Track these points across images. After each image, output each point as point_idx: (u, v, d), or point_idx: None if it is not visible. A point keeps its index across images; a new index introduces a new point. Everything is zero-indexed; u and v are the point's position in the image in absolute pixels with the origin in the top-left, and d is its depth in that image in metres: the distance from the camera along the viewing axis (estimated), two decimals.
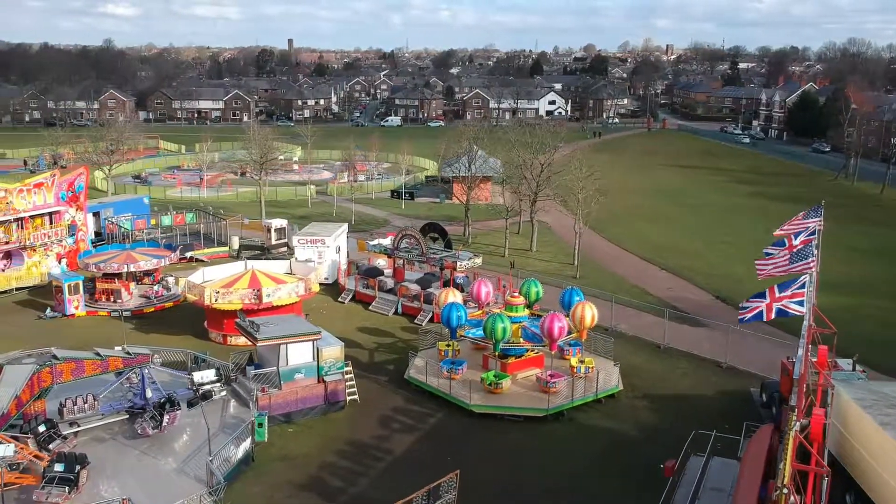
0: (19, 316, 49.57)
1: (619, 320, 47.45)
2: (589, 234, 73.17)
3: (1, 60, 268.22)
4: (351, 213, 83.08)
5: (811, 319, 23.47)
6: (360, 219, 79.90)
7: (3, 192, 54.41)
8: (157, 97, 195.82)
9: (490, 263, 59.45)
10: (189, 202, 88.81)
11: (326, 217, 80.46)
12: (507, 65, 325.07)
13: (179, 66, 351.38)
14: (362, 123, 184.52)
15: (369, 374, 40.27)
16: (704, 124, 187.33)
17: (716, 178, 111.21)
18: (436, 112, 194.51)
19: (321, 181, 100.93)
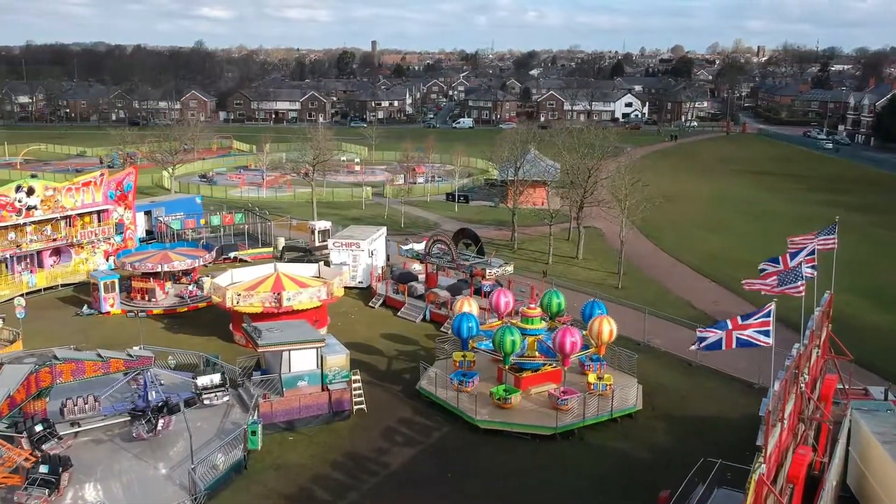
0: (59, 312, 50.70)
1: (653, 334, 45.39)
2: (642, 241, 70.89)
3: (94, 61, 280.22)
4: (407, 215, 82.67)
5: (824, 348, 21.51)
6: (411, 221, 79.32)
7: (51, 191, 55.94)
8: (236, 98, 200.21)
9: (528, 271, 57.99)
10: (246, 202, 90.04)
11: (377, 219, 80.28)
12: (588, 66, 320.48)
13: (264, 67, 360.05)
14: (434, 125, 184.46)
15: (383, 383, 39.51)
16: (787, 129, 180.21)
17: (790, 185, 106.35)
18: (509, 114, 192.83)
19: (378, 183, 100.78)
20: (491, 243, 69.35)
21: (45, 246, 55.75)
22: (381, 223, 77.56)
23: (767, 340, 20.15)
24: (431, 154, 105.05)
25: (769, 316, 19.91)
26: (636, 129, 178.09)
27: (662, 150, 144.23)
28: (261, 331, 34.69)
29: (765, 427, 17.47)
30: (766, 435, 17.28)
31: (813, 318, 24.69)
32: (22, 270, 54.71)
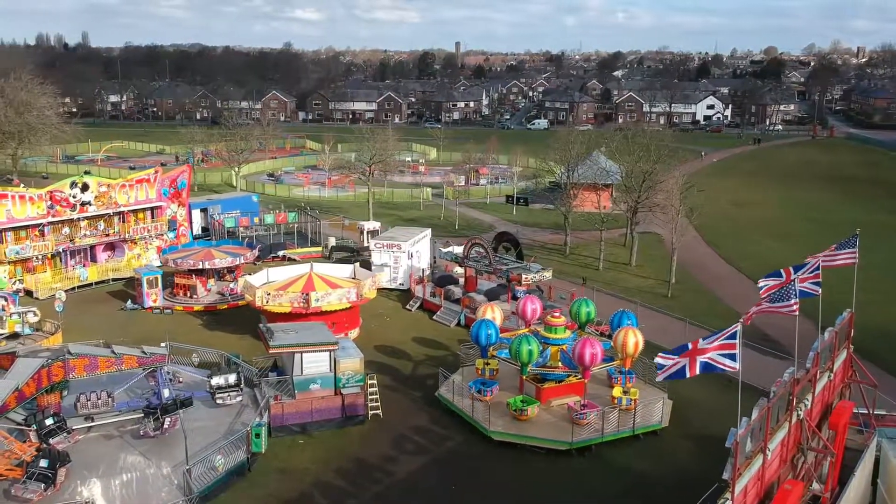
0: (106, 306, 51.75)
1: None
2: (702, 249, 68.22)
3: (185, 62, 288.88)
4: (463, 216, 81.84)
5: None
6: (466, 223, 78.42)
7: (105, 187, 57.32)
8: (315, 98, 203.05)
9: (577, 277, 56.34)
10: (304, 201, 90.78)
11: (433, 220, 79.68)
12: (673, 68, 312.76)
13: (350, 68, 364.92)
14: (509, 126, 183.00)
15: (405, 388, 38.77)
16: (881, 133, 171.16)
17: (874, 192, 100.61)
18: (586, 115, 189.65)
19: (440, 184, 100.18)
20: (543, 248, 67.98)
21: (98, 241, 57.19)
22: (437, 225, 77.12)
23: (733, 365, 18.43)
24: (492, 155, 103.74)
25: (735, 338, 18.19)
26: (717, 131, 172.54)
27: (742, 154, 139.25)
28: (273, 332, 34.40)
29: (733, 460, 15.89)
30: (735, 469, 15.67)
31: (822, 340, 22.63)
32: (75, 264, 56.22)
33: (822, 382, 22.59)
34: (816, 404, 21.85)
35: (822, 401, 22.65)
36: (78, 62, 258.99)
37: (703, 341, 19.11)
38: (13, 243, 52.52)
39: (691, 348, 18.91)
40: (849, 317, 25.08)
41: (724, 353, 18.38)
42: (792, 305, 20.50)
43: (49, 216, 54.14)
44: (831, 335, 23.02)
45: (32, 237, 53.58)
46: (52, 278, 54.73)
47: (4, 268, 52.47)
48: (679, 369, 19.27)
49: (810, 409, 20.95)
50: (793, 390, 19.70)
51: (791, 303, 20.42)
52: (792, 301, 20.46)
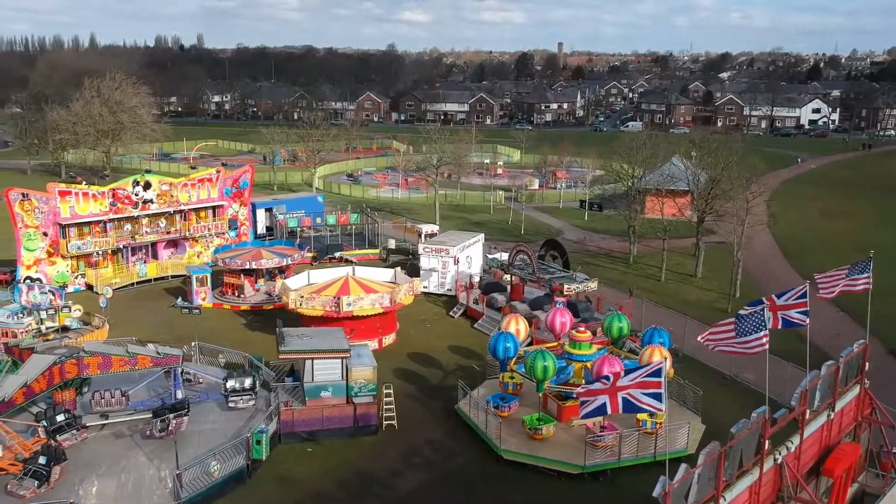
0: (158, 303, 52.68)
1: (745, 369, 40.34)
2: (777, 262, 64.45)
3: (290, 63, 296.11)
4: (532, 221, 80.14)
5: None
6: (533, 228, 76.61)
7: (167, 186, 58.54)
8: (408, 99, 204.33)
9: (637, 288, 53.85)
10: (380, 202, 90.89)
11: (501, 224, 78.34)
12: (783, 70, 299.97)
13: (449, 69, 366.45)
14: (602, 128, 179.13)
15: (427, 399, 37.66)
16: None
17: None
18: (683, 118, 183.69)
19: (515, 186, 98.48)
20: (608, 256, 65.66)
21: (159, 238, 58.46)
22: (503, 229, 75.76)
23: (658, 406, 16.40)
24: (574, 159, 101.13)
25: (659, 375, 16.16)
26: (822, 136, 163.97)
27: (843, 161, 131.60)
28: (285, 337, 33.90)
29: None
30: None
31: (818, 374, 20.12)
32: (136, 261, 57.64)
33: (818, 423, 20.15)
34: (809, 448, 19.48)
35: (820, 443, 20.21)
36: (188, 63, 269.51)
37: (624, 376, 17.21)
38: (76, 239, 54.17)
39: (612, 381, 17.04)
40: (862, 349, 22.42)
41: (648, 393, 16.45)
42: (762, 339, 18.23)
43: (111, 213, 55.67)
44: (830, 370, 20.52)
45: (94, 233, 55.16)
46: (113, 274, 56.29)
47: (66, 262, 54.21)
48: (598, 407, 17.41)
49: (796, 452, 18.66)
50: (764, 432, 17.56)
51: (760, 336, 18.16)
52: (762, 334, 18.21)
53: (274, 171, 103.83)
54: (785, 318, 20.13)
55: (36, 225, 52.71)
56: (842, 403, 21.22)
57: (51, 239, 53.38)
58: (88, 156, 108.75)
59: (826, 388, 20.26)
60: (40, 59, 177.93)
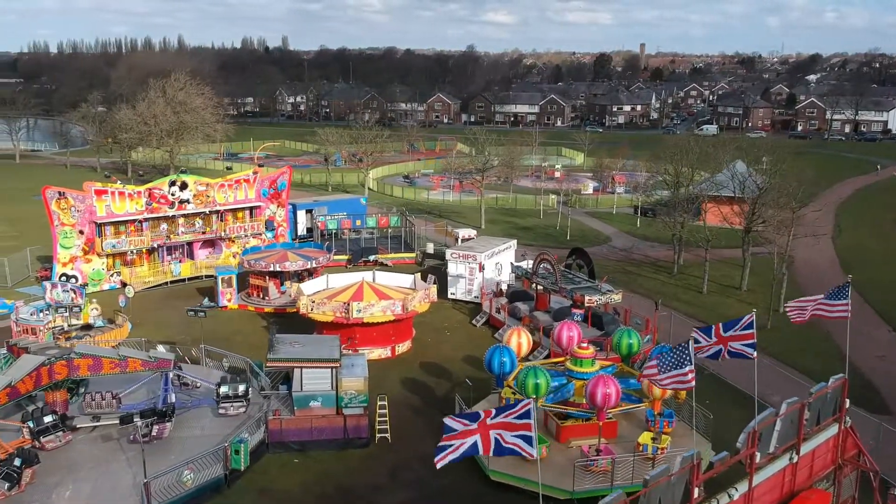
0: (186, 302, 52.53)
1: (774, 391, 37.66)
2: (834, 277, 60.38)
3: (366, 65, 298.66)
4: (581, 226, 77.92)
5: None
6: (580, 234, 74.31)
7: (203, 186, 58.87)
8: (478, 101, 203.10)
9: (676, 300, 51.40)
10: (430, 204, 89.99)
11: (548, 229, 76.37)
12: (879, 72, 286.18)
13: (528, 70, 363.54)
14: (675, 131, 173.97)
15: (429, 411, 36.32)
16: None
17: None
18: (762, 122, 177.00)
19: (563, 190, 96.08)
20: (653, 265, 63.06)
21: (195, 238, 58.81)
22: (549, 234, 73.84)
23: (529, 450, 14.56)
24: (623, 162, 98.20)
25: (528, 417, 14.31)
26: None
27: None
28: (274, 343, 33.15)
29: None
30: None
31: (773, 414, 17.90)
32: (171, 260, 58.14)
33: (776, 467, 17.96)
34: (762, 496, 17.34)
35: (781, 490, 18.01)
36: (270, 64, 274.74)
37: (494, 415, 15.49)
38: (111, 237, 54.91)
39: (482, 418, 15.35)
40: (840, 384, 20.02)
41: (519, 435, 14.74)
42: (688, 375, 16.26)
43: (147, 212, 56.24)
44: (792, 407, 18.29)
45: (130, 232, 55.81)
46: (148, 272, 56.89)
47: (102, 260, 55.01)
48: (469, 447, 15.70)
49: (742, 501, 16.61)
50: (692, 478, 15.64)
51: (686, 372, 16.19)
52: (687, 370, 16.24)
53: (329, 171, 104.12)
54: (732, 350, 18.11)
55: (72, 223, 53.60)
56: (811, 445, 19.00)
57: (87, 237, 54.21)
58: (154, 154, 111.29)
59: (787, 428, 18.10)
60: (120, 61, 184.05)
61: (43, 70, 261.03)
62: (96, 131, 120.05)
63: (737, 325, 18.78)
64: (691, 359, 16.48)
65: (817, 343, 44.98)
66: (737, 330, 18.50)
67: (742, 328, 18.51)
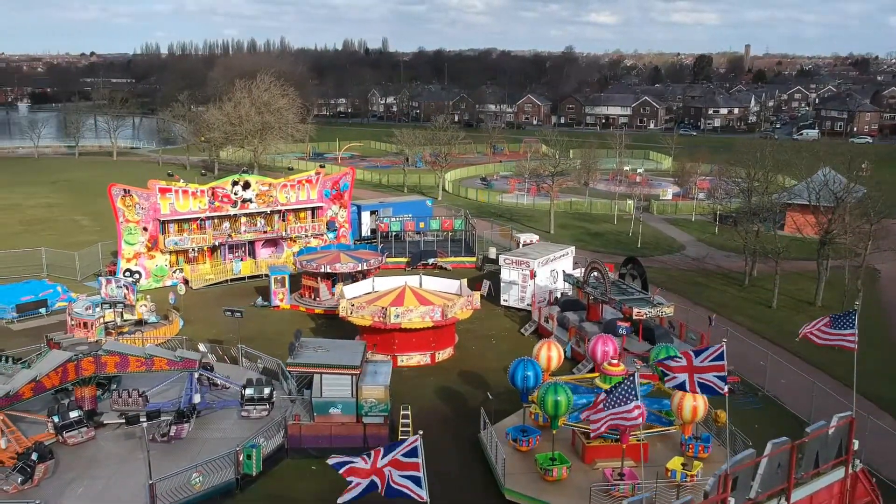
0: (243, 300, 53.20)
1: None
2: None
3: (459, 66, 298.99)
4: (655, 233, 75.14)
5: None
6: (654, 241, 71.57)
7: (266, 186, 59.39)
8: (569, 102, 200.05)
9: (742, 314, 48.63)
10: (503, 207, 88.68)
11: (620, 235, 73.93)
12: None
13: (628, 71, 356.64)
14: (772, 135, 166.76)
15: (458, 424, 35.17)
16: None
17: None
18: (868, 126, 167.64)
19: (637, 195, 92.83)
20: (725, 276, 60.01)
21: (256, 237, 59.37)
22: (620, 241, 71.49)
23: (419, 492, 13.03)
24: (704, 167, 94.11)
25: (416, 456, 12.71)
26: None
27: None
28: (297, 347, 32.68)
29: None
30: None
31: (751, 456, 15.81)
32: (233, 258, 58.87)
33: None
34: None
35: None
36: (366, 66, 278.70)
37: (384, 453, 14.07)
38: (174, 234, 55.98)
39: (374, 459, 14.00)
40: (846, 422, 17.73)
41: (406, 475, 13.33)
42: (633, 412, 14.45)
43: (209, 211, 57.09)
44: (779, 448, 16.22)
45: (192, 230, 56.77)
46: (210, 269, 57.76)
47: (165, 257, 56.14)
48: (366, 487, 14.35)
49: None
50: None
51: (630, 408, 14.38)
52: (632, 406, 14.45)
53: (405, 172, 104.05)
54: (701, 381, 16.28)
55: (136, 220, 54.90)
56: (808, 491, 16.92)
57: (150, 234, 55.41)
58: (238, 153, 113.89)
59: (773, 471, 16.11)
60: (218, 62, 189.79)
61: (152, 71, 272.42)
62: (189, 130, 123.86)
63: (705, 355, 16.91)
64: (637, 394, 14.84)
65: (888, 367, 41.57)
66: (705, 360, 16.65)
67: (711, 358, 16.66)
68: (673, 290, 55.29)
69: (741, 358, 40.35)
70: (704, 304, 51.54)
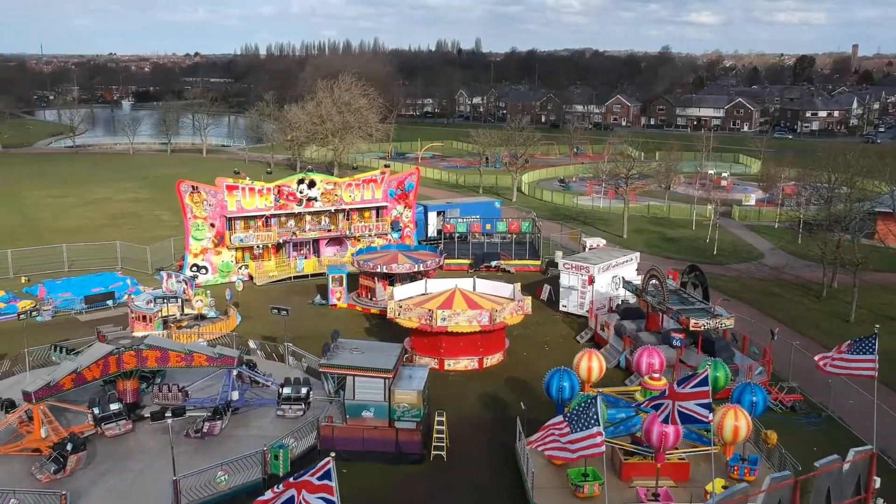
0: (302, 298, 53.58)
1: None
2: None
3: (549, 66, 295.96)
4: (733, 240, 72.15)
5: None
6: (731, 249, 68.62)
7: (331, 185, 59.67)
8: (659, 103, 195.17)
9: (816, 329, 45.95)
10: (576, 211, 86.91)
11: (695, 242, 71.25)
12: None
13: (726, 72, 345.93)
14: (874, 140, 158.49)
15: (498, 433, 34.15)
16: None
17: None
18: None
19: (733, 200, 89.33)
20: (802, 287, 56.97)
21: (320, 235, 59.70)
22: (696, 247, 69.00)
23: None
24: (788, 171, 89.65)
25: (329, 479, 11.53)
26: None
27: None
28: (330, 348, 32.36)
29: None
30: None
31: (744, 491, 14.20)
32: (297, 256, 59.37)
33: None
34: None
35: None
36: (457, 66, 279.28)
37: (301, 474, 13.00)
38: (240, 231, 56.81)
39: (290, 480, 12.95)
40: (865, 457, 15.82)
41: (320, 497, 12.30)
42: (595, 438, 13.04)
43: (275, 209, 57.72)
44: (779, 483, 14.55)
45: (258, 227, 57.50)
46: (275, 266, 58.40)
47: (231, 253, 57.03)
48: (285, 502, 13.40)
49: None
50: None
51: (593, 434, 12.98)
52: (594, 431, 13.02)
53: (481, 173, 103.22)
54: (682, 411, 14.80)
55: (204, 216, 55.94)
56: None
57: (217, 230, 56.37)
58: (320, 152, 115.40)
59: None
60: (309, 62, 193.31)
61: (250, 71, 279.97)
62: (275, 129, 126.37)
63: (688, 382, 15.40)
64: (598, 419, 13.61)
65: None
66: (686, 387, 15.16)
67: (694, 385, 15.15)
68: (744, 300, 52.83)
69: (807, 375, 37.93)
70: (776, 316, 48.99)
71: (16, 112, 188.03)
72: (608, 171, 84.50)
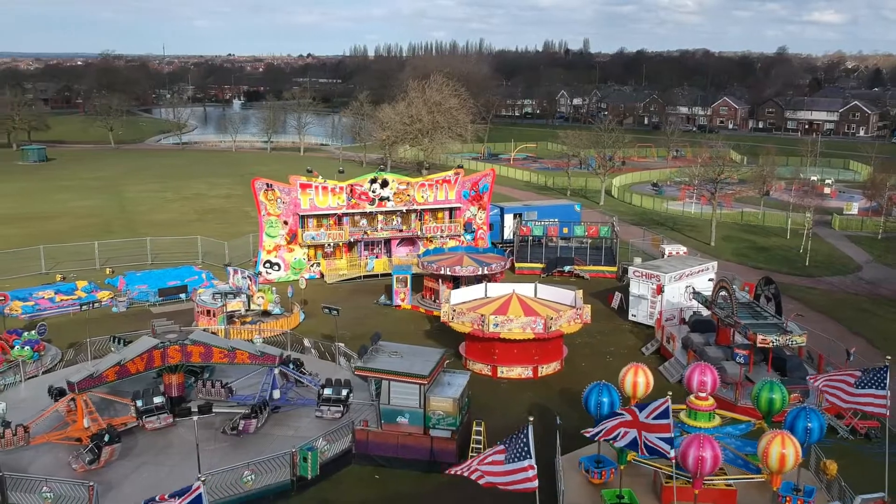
0: (369, 298, 53.43)
1: None
2: None
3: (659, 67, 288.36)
4: (829, 251, 67.95)
5: None
6: (826, 260, 64.58)
7: (404, 185, 59.38)
8: (768, 106, 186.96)
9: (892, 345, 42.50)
10: (665, 216, 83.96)
11: (790, 252, 67.43)
12: None
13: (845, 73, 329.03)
14: None
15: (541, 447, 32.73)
16: None
17: None
18: None
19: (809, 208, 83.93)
20: (889, 301, 52.97)
21: (392, 235, 59.48)
22: (788, 257, 65.43)
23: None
24: None
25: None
26: None
27: None
28: (367, 351, 31.77)
29: None
30: None
31: None
32: (368, 255, 59.35)
33: None
34: None
35: None
36: (562, 67, 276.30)
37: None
38: (312, 229, 57.21)
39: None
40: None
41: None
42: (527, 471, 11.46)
43: (347, 208, 57.85)
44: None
45: (330, 225, 57.76)
46: (345, 265, 58.56)
47: (304, 250, 57.51)
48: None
49: None
50: None
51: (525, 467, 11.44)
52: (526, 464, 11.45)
53: (569, 175, 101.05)
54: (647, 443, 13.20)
55: (278, 213, 56.58)
56: None
57: (290, 228, 56.91)
58: (410, 152, 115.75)
59: None
60: (408, 63, 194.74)
61: (358, 71, 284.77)
62: (369, 128, 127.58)
63: (648, 410, 13.72)
64: (530, 450, 12.16)
65: None
66: (649, 416, 13.52)
67: (655, 415, 13.48)
68: (831, 315, 49.48)
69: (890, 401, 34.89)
70: (863, 334, 45.60)
71: (132, 109, 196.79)
72: (699, 174, 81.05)
